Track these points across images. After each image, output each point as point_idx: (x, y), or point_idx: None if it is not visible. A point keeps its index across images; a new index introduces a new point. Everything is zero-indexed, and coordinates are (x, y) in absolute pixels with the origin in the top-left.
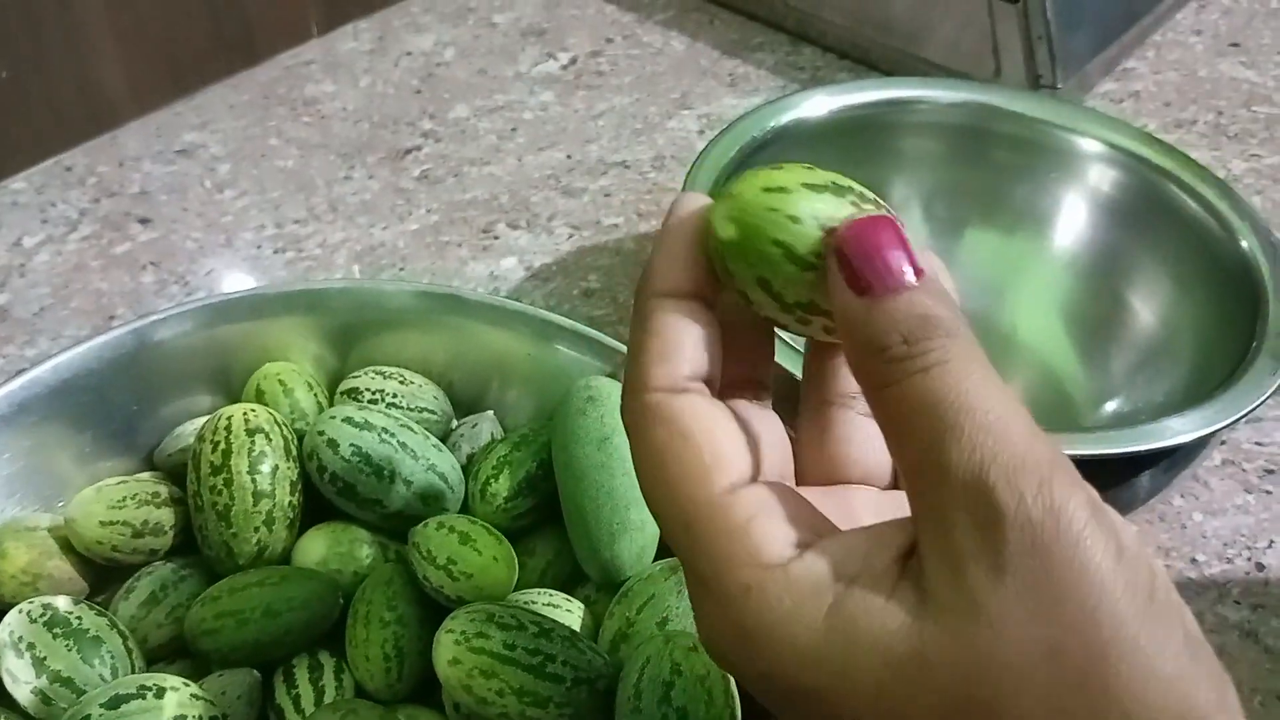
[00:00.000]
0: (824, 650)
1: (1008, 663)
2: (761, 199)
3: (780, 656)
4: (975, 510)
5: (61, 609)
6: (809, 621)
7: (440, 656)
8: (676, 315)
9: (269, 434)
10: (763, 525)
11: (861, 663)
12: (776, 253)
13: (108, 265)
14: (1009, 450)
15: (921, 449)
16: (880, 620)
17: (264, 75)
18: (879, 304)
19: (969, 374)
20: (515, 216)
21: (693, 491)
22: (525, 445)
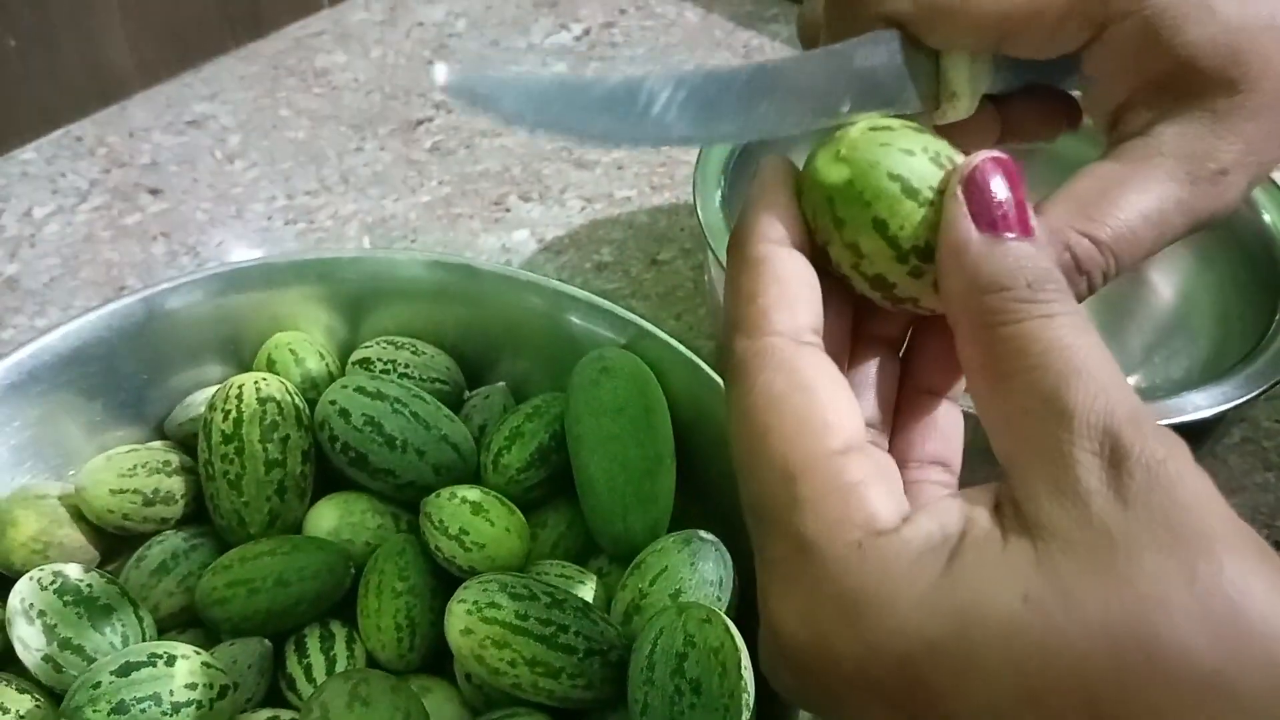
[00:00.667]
0: (948, 600)
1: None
2: (871, 136)
3: (895, 616)
4: (1102, 450)
5: (72, 577)
6: (929, 575)
7: (452, 627)
8: (796, 263)
9: (280, 403)
10: (874, 489)
11: (993, 605)
12: (893, 187)
13: (118, 236)
14: (1127, 401)
15: (1038, 388)
16: (1004, 563)
17: (273, 47)
18: (1004, 244)
19: (1084, 330)
20: (527, 189)
21: (808, 446)
22: (538, 416)
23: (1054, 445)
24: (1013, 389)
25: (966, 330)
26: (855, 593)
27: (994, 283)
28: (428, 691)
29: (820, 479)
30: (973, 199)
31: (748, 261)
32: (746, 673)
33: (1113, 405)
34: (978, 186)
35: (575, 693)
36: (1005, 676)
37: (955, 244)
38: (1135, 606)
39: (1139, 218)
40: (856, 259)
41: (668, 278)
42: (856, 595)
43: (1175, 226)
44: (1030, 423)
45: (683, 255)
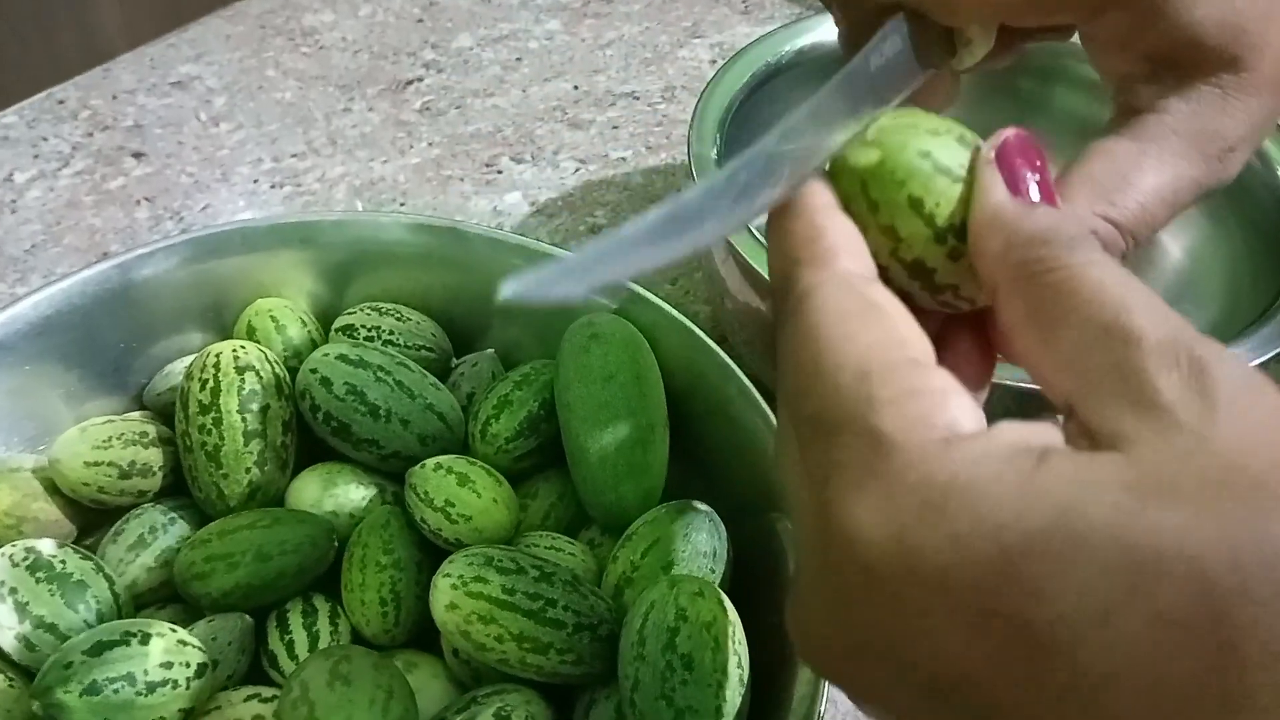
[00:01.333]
0: (1045, 490)
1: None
2: (897, 122)
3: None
4: (1177, 364)
5: (45, 552)
6: (1021, 470)
7: (437, 601)
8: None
9: (259, 371)
10: (957, 399)
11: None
12: (925, 164)
13: (101, 201)
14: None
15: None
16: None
17: (260, 6)
18: (1038, 208)
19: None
20: (520, 150)
21: (887, 353)
22: (527, 384)
23: (1126, 368)
24: (1068, 330)
25: (1008, 286)
26: (943, 482)
27: (1035, 237)
28: (414, 667)
29: (902, 380)
30: (1005, 167)
31: (803, 211)
32: (740, 647)
33: (1180, 325)
34: (1009, 157)
35: (564, 668)
36: (1114, 568)
37: (992, 207)
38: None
39: (1155, 198)
40: (894, 243)
41: None
42: (945, 484)
43: (1186, 204)
44: (1094, 355)
45: None
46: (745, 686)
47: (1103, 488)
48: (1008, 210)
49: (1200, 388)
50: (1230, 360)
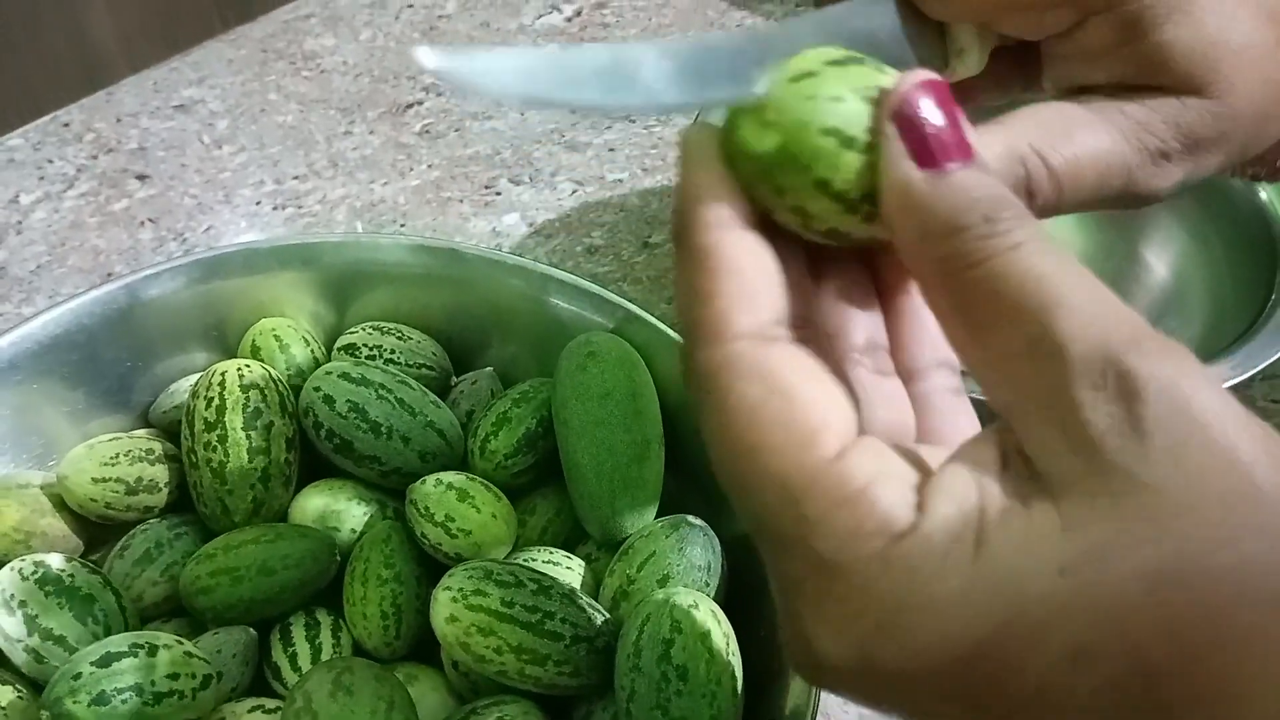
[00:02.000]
0: (983, 592)
1: (1187, 526)
2: (794, 91)
3: (935, 621)
4: (1104, 384)
5: (54, 567)
6: (959, 570)
7: (438, 614)
8: (750, 248)
9: (264, 390)
10: (883, 488)
11: (1034, 585)
12: (830, 143)
13: (105, 222)
14: (1122, 321)
15: (1024, 330)
16: (1032, 537)
17: (262, 30)
18: (949, 178)
19: (1052, 251)
20: (518, 172)
21: (800, 457)
22: (525, 402)
23: (1053, 389)
24: (995, 336)
25: (931, 280)
26: (889, 604)
27: (948, 224)
28: (414, 679)
29: (824, 493)
30: (906, 134)
31: (695, 255)
32: (734, 658)
33: (1107, 331)
34: (908, 119)
35: (562, 680)
36: (1058, 657)
37: (898, 190)
38: (1172, 550)
39: (1089, 158)
40: (804, 220)
41: (660, 261)
42: (891, 606)
43: (1112, 186)
44: (1022, 368)
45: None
46: (739, 697)
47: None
48: (914, 192)
49: (1130, 417)
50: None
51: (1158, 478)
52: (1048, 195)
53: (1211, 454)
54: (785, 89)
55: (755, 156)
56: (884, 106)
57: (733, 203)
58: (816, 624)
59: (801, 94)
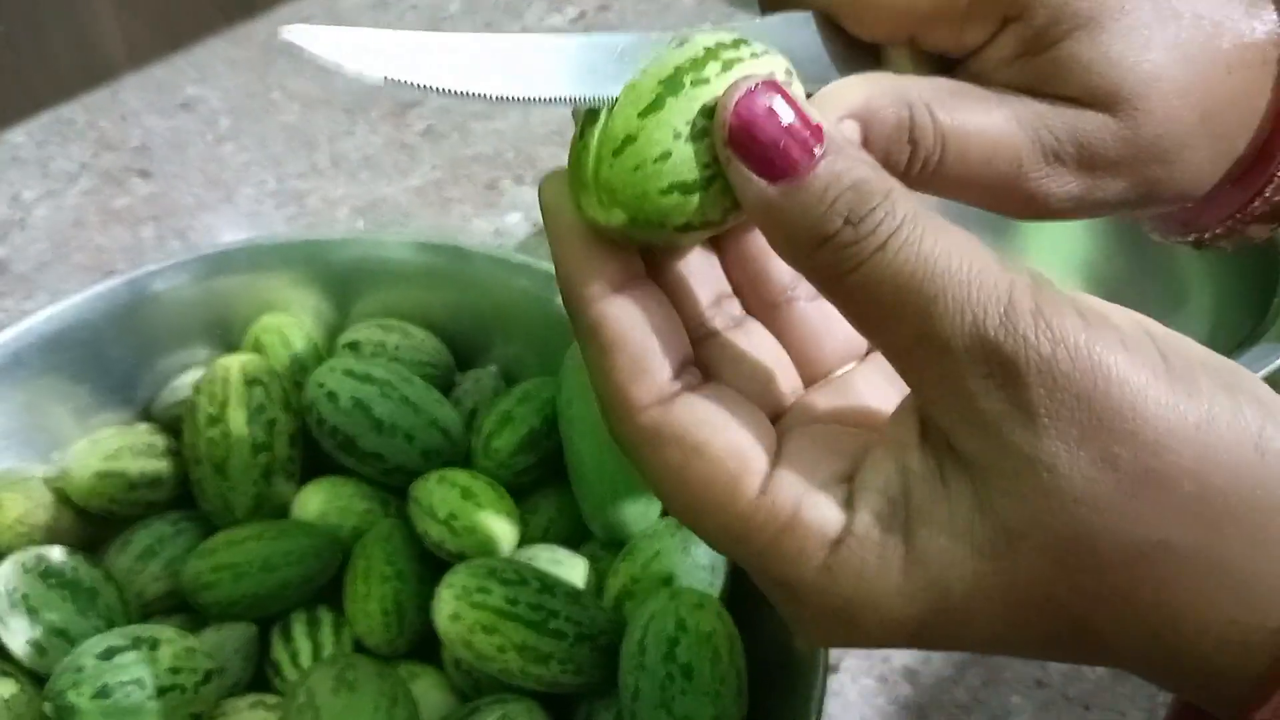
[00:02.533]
0: (920, 586)
1: (1078, 495)
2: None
3: (887, 614)
4: (990, 372)
5: (57, 560)
6: (896, 566)
7: (440, 612)
8: (628, 312)
9: (267, 386)
10: (810, 506)
11: (957, 577)
12: (675, 198)
13: (107, 220)
14: (995, 296)
15: (908, 329)
16: (953, 526)
17: (265, 29)
18: (802, 186)
19: (924, 231)
20: (520, 172)
21: (731, 508)
22: (529, 400)
23: (946, 382)
24: (886, 335)
25: (817, 286)
26: (842, 609)
27: (813, 237)
28: (416, 677)
29: (760, 529)
30: (747, 155)
31: (584, 331)
32: (739, 658)
33: (981, 313)
34: (743, 138)
35: (565, 678)
36: (990, 621)
37: (757, 210)
38: (1071, 519)
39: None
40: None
41: None
42: (845, 611)
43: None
44: (919, 362)
45: None
46: (743, 697)
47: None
48: (773, 208)
49: (1017, 399)
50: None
51: (1049, 455)
52: (929, 150)
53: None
54: (610, 168)
55: (610, 229)
56: (714, 132)
57: (602, 271)
58: (795, 623)
59: (627, 167)
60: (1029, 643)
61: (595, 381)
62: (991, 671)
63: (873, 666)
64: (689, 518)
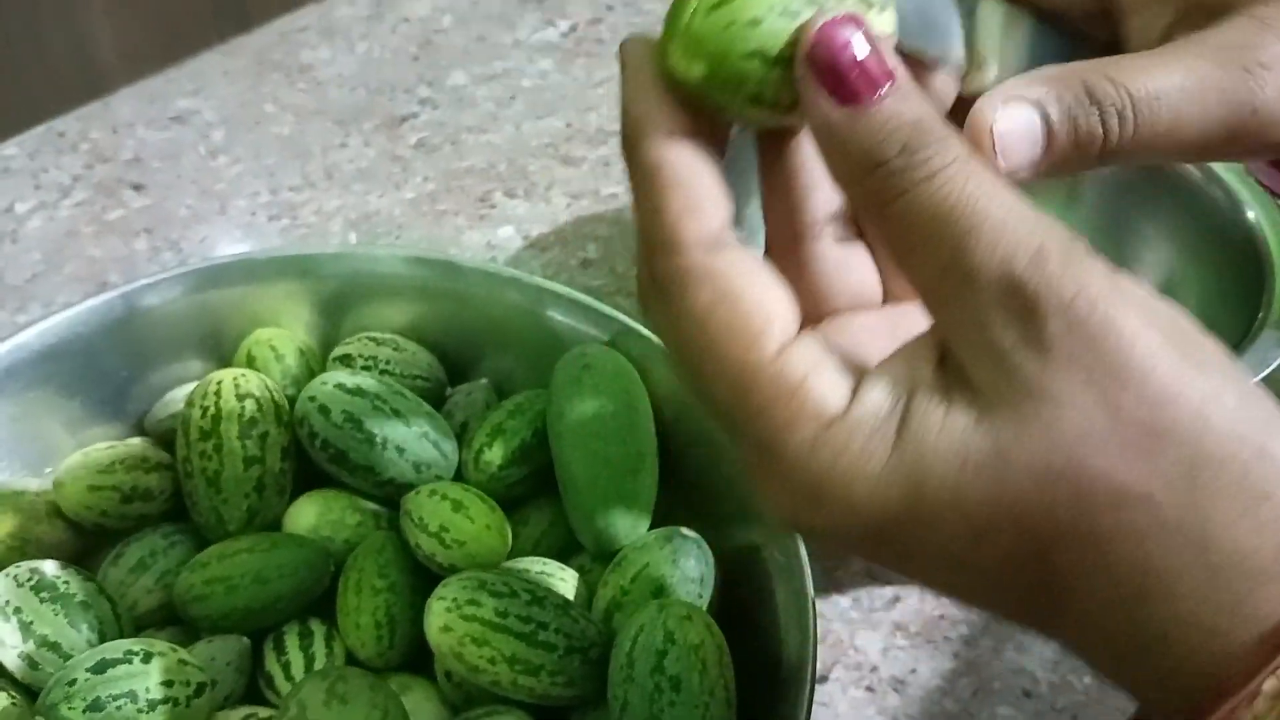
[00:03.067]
0: (898, 477)
1: (1076, 431)
2: (710, 21)
3: (856, 499)
4: (1010, 305)
5: (49, 573)
6: (879, 455)
7: (432, 624)
8: (691, 159)
9: (260, 399)
10: (816, 381)
11: (937, 477)
12: (755, 65)
13: (101, 232)
14: (1027, 241)
15: (940, 258)
16: (945, 431)
17: (258, 41)
18: (866, 114)
19: (971, 173)
20: (513, 185)
21: (744, 357)
22: (520, 413)
23: (967, 309)
24: (918, 261)
25: (863, 211)
26: (815, 485)
27: (866, 160)
28: (407, 689)
29: (763, 388)
30: (822, 74)
31: (643, 172)
32: (727, 670)
33: (1011, 252)
34: (823, 59)
35: (555, 690)
36: (956, 534)
37: (820, 127)
38: (1063, 451)
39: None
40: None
41: None
42: (816, 487)
43: (1209, 105)
44: (945, 290)
45: None
46: (732, 709)
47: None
48: (835, 128)
49: (1032, 333)
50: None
51: (1054, 389)
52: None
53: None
54: (704, 20)
55: (689, 82)
56: (799, 47)
57: (673, 118)
58: (765, 493)
59: (718, 24)
60: (983, 574)
61: (644, 223)
62: (981, 682)
63: (862, 677)
64: (697, 362)
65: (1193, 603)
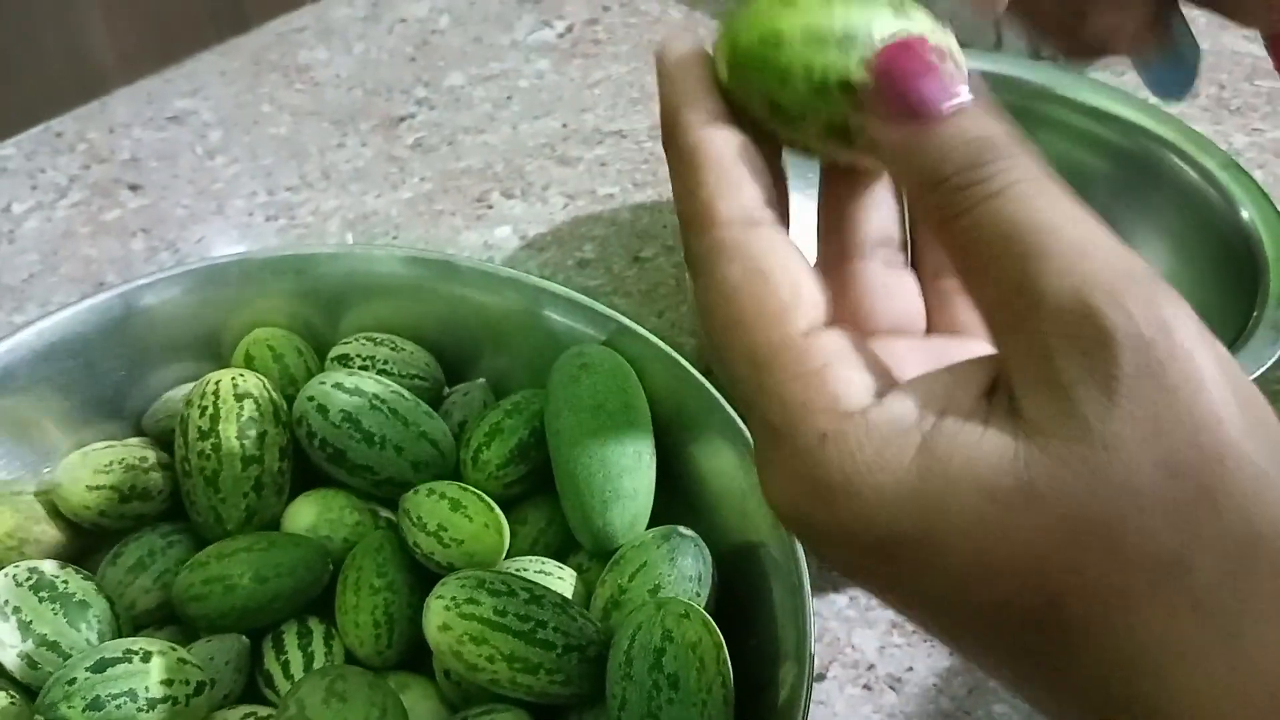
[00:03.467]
0: (914, 492)
1: (1126, 483)
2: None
3: (864, 506)
4: (1079, 334)
5: (48, 573)
6: (894, 466)
7: (430, 622)
8: (729, 140)
9: (258, 399)
10: (840, 370)
11: (958, 500)
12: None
13: (97, 232)
14: (1106, 267)
15: (1006, 278)
16: (977, 454)
17: (256, 42)
18: (929, 132)
19: (1041, 191)
20: (510, 185)
21: (768, 332)
22: (517, 413)
23: (1033, 336)
24: (985, 281)
25: (931, 227)
26: (823, 482)
27: (933, 176)
28: (406, 688)
29: (783, 367)
30: (888, 92)
31: (682, 153)
32: (725, 668)
33: (1086, 281)
34: (893, 79)
35: (553, 689)
36: (965, 566)
37: (886, 146)
38: (1110, 502)
39: None
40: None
41: (650, 275)
42: (825, 484)
43: None
44: (1009, 314)
45: (665, 252)
46: (729, 707)
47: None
48: (901, 146)
49: (1100, 370)
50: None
51: (1112, 433)
52: None
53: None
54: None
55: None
56: (869, 65)
57: (713, 105)
58: (767, 479)
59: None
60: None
61: (682, 202)
62: (976, 680)
63: (859, 675)
64: (723, 334)
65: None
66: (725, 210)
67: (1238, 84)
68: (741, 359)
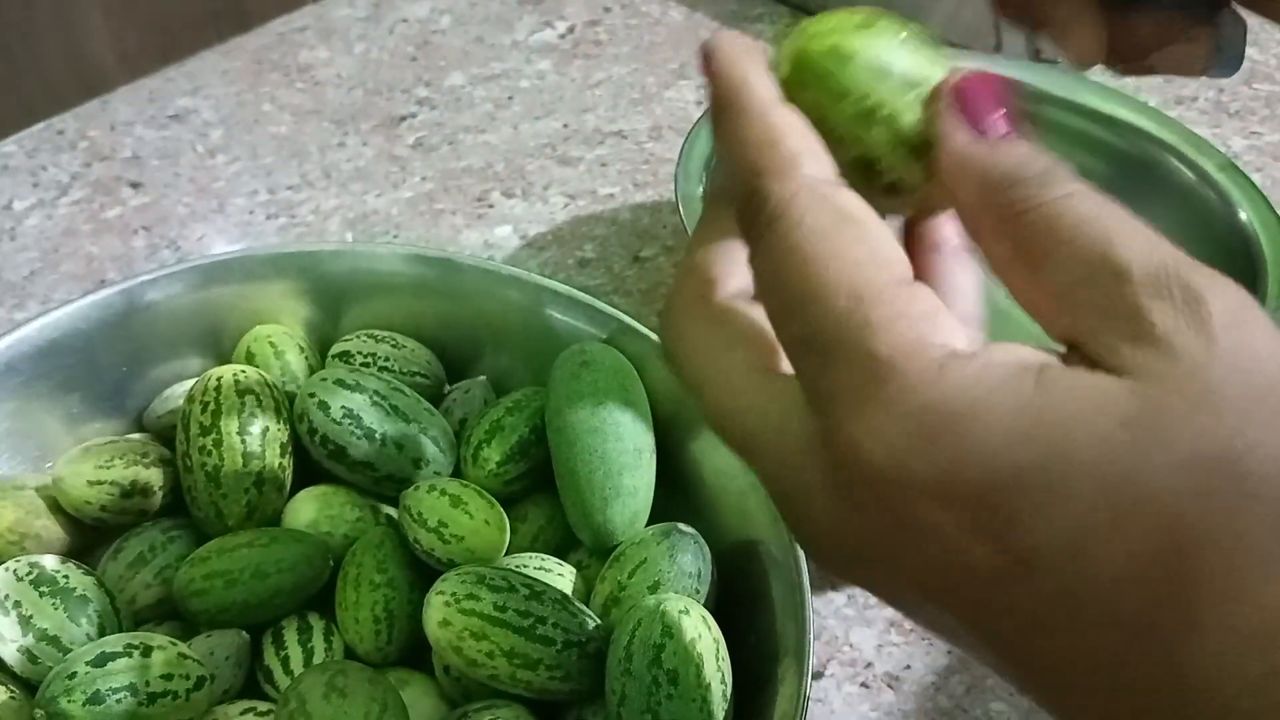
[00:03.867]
0: (1038, 422)
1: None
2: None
3: (980, 436)
4: (1171, 295)
5: (48, 567)
6: (1017, 395)
7: (430, 618)
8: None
9: (259, 395)
10: (947, 319)
11: (1087, 431)
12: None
13: (98, 229)
14: (1177, 252)
15: (1082, 257)
16: (1098, 389)
17: (257, 41)
18: (1006, 143)
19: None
20: (510, 185)
21: (873, 274)
22: (518, 410)
23: (1121, 302)
24: (1056, 267)
25: (991, 228)
26: (937, 409)
27: (1007, 177)
28: (405, 684)
29: (891, 304)
30: (965, 111)
31: (753, 112)
32: (724, 664)
33: (1168, 252)
34: (968, 100)
35: (553, 684)
36: (1093, 506)
37: (957, 154)
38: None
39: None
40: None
41: (650, 274)
42: (938, 412)
43: None
44: (1087, 291)
45: (665, 252)
46: (728, 702)
47: (1094, 422)
48: (974, 153)
49: (1194, 317)
50: (1222, 287)
51: (1218, 377)
52: None
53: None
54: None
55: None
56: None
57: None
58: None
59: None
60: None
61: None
62: (974, 678)
63: (857, 673)
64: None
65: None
66: (810, 166)
67: (1236, 87)
68: (841, 294)
